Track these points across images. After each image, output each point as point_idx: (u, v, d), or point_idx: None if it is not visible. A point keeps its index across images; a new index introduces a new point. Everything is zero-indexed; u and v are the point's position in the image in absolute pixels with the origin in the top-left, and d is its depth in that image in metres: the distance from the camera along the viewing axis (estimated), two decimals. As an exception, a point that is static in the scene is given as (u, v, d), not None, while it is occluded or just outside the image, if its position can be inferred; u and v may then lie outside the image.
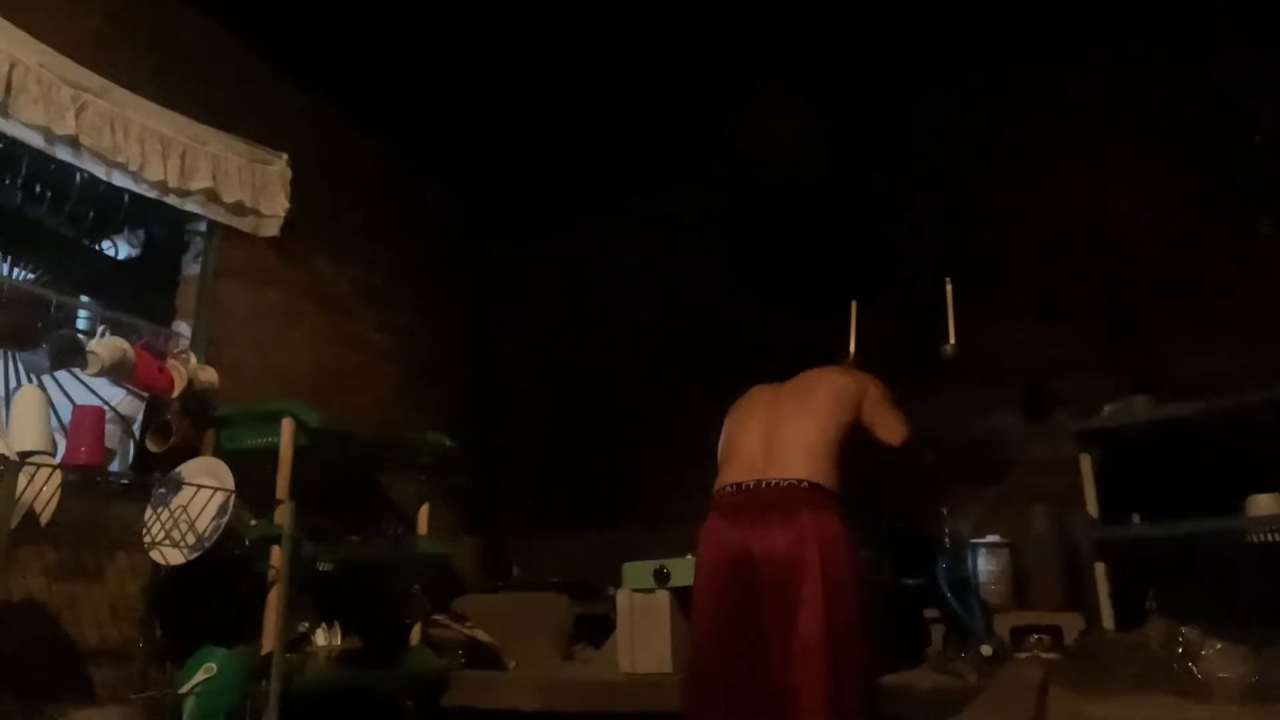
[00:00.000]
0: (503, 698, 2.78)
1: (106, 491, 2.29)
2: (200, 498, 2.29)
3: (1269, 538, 2.31)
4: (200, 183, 2.84)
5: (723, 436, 2.45)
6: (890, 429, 2.40)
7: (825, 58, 3.33)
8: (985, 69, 3.40)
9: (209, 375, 2.72)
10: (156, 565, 2.35)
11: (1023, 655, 2.41)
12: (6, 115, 2.31)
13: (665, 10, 3.10)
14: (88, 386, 2.54)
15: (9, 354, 2.44)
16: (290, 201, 3.20)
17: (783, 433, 2.29)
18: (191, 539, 2.27)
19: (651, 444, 3.84)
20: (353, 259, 3.61)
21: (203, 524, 2.28)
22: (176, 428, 2.57)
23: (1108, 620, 2.51)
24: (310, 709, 2.41)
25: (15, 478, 1.81)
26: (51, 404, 2.30)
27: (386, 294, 3.78)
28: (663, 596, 2.76)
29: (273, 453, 2.59)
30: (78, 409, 2.24)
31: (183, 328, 2.91)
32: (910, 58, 3.39)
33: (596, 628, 3.17)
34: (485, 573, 3.86)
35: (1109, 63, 3.18)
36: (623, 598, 2.84)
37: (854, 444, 2.36)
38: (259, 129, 3.13)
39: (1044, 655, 2.38)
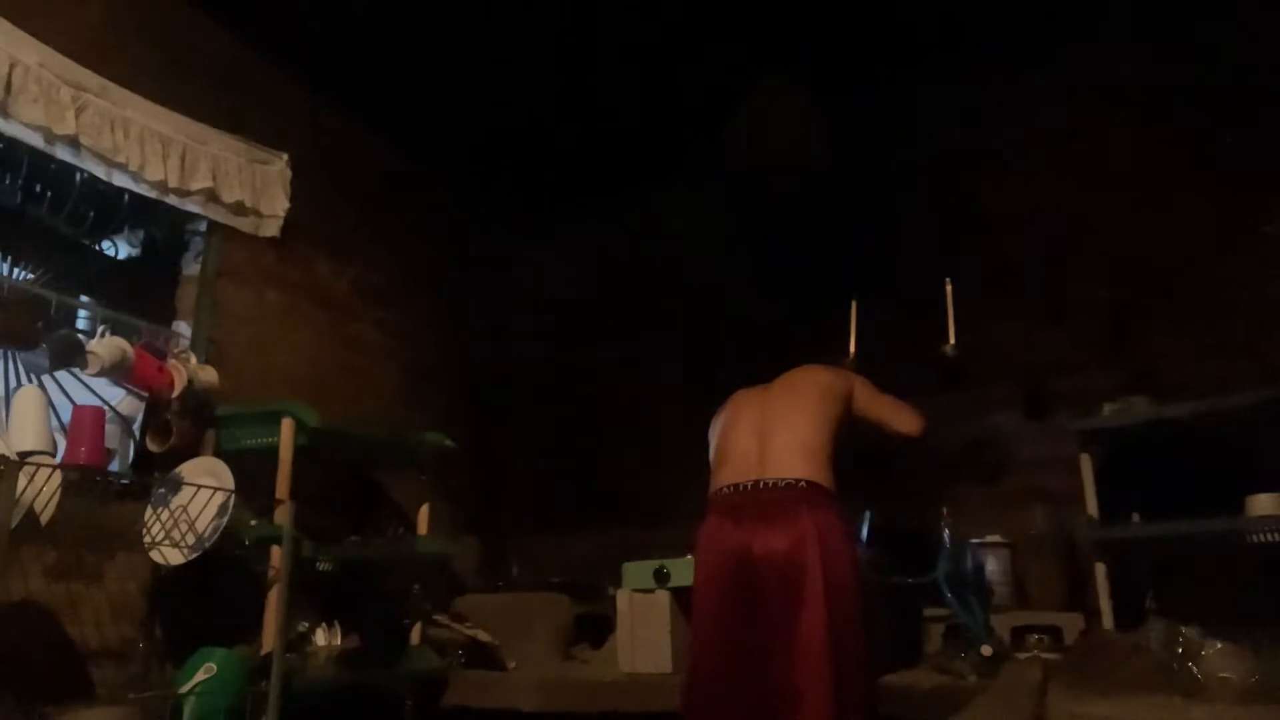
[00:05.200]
0: (502, 698, 2.77)
1: (106, 491, 2.28)
2: (200, 498, 2.29)
3: (1269, 538, 2.32)
4: (200, 183, 2.84)
5: (714, 440, 2.45)
6: (905, 419, 2.40)
7: (826, 57, 3.33)
8: (986, 69, 3.40)
9: (209, 375, 2.72)
10: (156, 565, 2.35)
11: (1023, 655, 2.41)
12: (6, 115, 2.31)
13: (665, 9, 3.10)
14: (88, 386, 2.54)
15: (9, 354, 2.44)
16: (290, 201, 3.20)
17: (776, 432, 2.29)
18: (191, 539, 2.27)
19: (651, 444, 3.84)
20: (353, 259, 3.61)
21: (203, 524, 2.27)
22: (176, 428, 2.56)
23: (1108, 620, 2.52)
24: (310, 709, 2.40)
25: (15, 478, 1.80)
26: (51, 404, 2.30)
27: (386, 294, 3.78)
28: (663, 596, 2.76)
29: (273, 453, 2.59)
30: (78, 409, 2.24)
31: (183, 328, 2.91)
32: (911, 57, 3.39)
33: (596, 628, 3.17)
34: (485, 573, 3.86)
35: (1110, 62, 3.18)
36: (623, 598, 2.84)
37: (852, 440, 2.36)
38: (259, 129, 3.13)
39: (1044, 655, 2.38)
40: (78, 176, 2.61)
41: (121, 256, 3.00)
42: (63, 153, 2.47)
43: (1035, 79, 3.32)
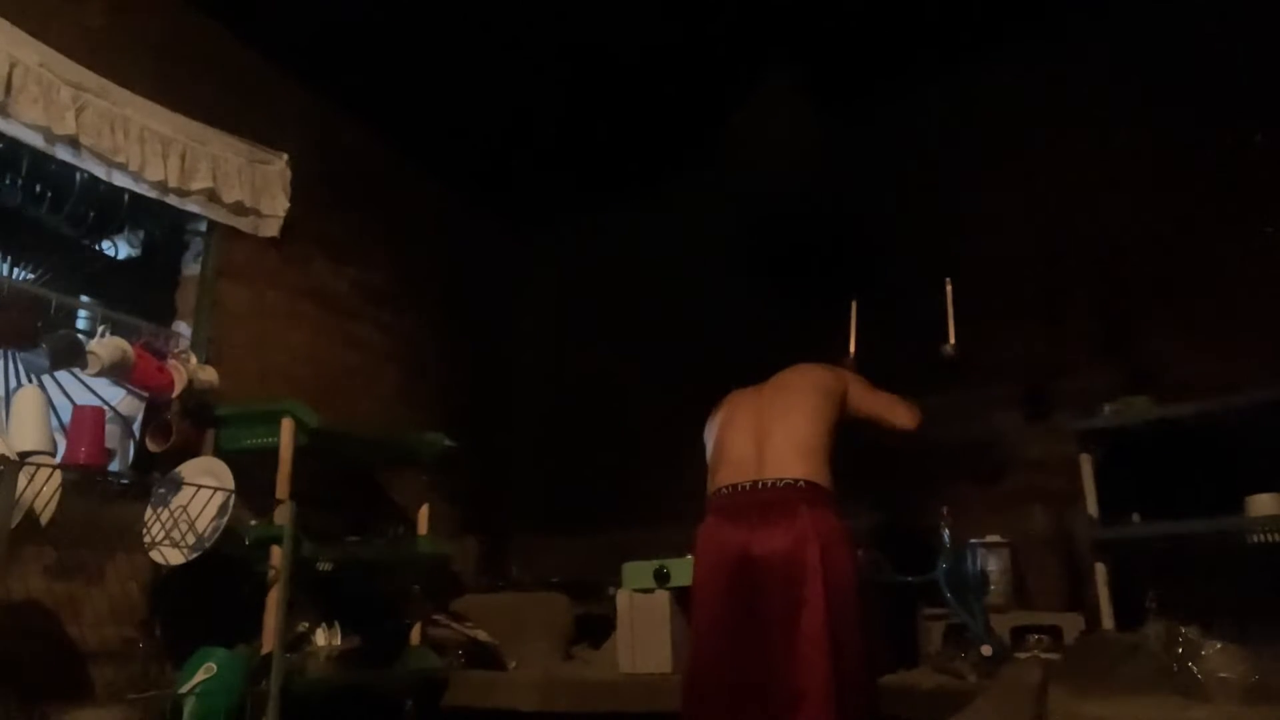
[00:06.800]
0: (503, 698, 2.78)
1: (106, 491, 2.29)
2: (200, 498, 2.29)
3: (1269, 538, 2.32)
4: (200, 183, 2.84)
5: (711, 441, 2.44)
6: (900, 414, 2.41)
7: (826, 58, 3.33)
8: (986, 69, 3.40)
9: (209, 375, 2.72)
10: (156, 565, 2.35)
11: (1023, 655, 2.41)
12: (6, 115, 2.31)
13: (666, 9, 3.10)
14: (88, 386, 2.54)
15: (9, 354, 2.44)
16: (290, 201, 3.20)
17: (773, 432, 2.29)
18: (191, 539, 2.27)
19: (652, 444, 3.84)
20: (353, 259, 3.61)
21: (203, 524, 2.28)
22: (176, 428, 2.56)
23: (1108, 620, 2.52)
24: (310, 709, 2.41)
25: (15, 478, 1.80)
26: (51, 404, 2.30)
27: (386, 294, 3.78)
28: (663, 596, 2.76)
29: (273, 453, 2.59)
30: (78, 409, 2.24)
31: (183, 328, 2.91)
32: (911, 58, 3.38)
33: (596, 628, 3.17)
34: (485, 573, 3.86)
35: (1109, 63, 3.18)
36: (623, 598, 2.84)
37: (850, 438, 2.36)
38: (259, 129, 3.12)
39: (1044, 655, 2.38)
40: (78, 176, 2.61)
41: (121, 256, 3.00)
42: (63, 153, 2.47)
43: (1035, 78, 3.31)
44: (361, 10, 3.05)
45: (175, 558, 2.28)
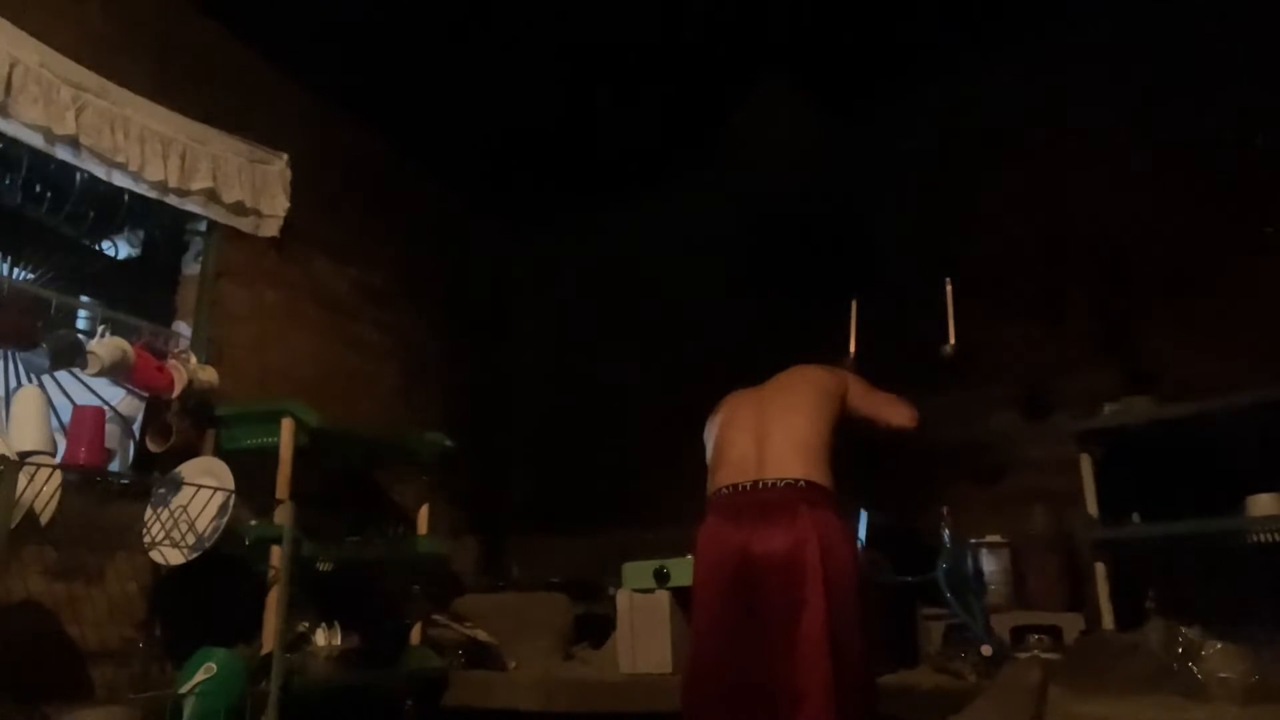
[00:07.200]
0: (502, 698, 2.78)
1: (106, 491, 2.29)
2: (200, 498, 2.29)
3: (1269, 538, 2.32)
4: (200, 183, 2.84)
5: (710, 442, 2.44)
6: (898, 413, 2.41)
7: (826, 58, 3.33)
8: (986, 69, 3.39)
9: (209, 375, 2.72)
10: (156, 565, 2.35)
11: (1023, 655, 2.41)
12: (6, 115, 2.31)
13: (666, 9, 3.10)
14: (88, 386, 2.54)
15: (9, 354, 2.44)
16: (290, 201, 3.20)
17: (773, 432, 2.28)
18: (191, 539, 2.27)
19: (652, 444, 3.84)
20: (353, 259, 3.61)
21: (203, 524, 2.28)
22: (176, 428, 2.57)
23: (1108, 620, 2.52)
24: (310, 709, 2.41)
25: (15, 478, 1.80)
26: (51, 404, 2.30)
27: (386, 294, 3.78)
28: (663, 596, 2.76)
29: (273, 453, 2.59)
30: (78, 409, 2.24)
31: (183, 328, 2.91)
32: (911, 58, 3.38)
33: (596, 628, 3.17)
34: (485, 573, 3.87)
35: (1109, 62, 3.18)
36: (623, 598, 2.84)
37: (849, 437, 2.36)
38: (259, 129, 3.12)
39: (1044, 655, 2.38)
40: (78, 176, 2.61)
41: (121, 256, 3.00)
42: (63, 153, 2.47)
43: (1035, 78, 3.31)
44: (361, 10, 3.05)
45: (175, 558, 2.28)
